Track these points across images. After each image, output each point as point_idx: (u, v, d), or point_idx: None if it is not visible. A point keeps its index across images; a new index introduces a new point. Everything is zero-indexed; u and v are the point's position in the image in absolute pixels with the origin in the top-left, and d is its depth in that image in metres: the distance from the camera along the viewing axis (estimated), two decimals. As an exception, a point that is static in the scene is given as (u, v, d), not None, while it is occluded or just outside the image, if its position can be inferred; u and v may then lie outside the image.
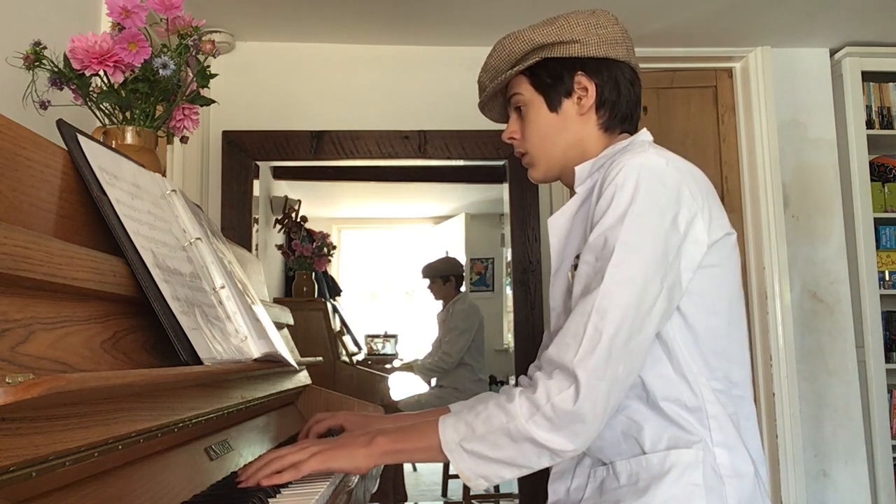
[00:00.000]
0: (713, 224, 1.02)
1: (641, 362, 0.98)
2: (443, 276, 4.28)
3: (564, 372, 0.94)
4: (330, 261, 4.24)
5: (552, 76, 1.15)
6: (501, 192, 3.45)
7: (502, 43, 1.18)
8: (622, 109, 1.16)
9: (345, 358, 3.89)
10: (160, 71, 1.22)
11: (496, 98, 1.25)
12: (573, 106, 1.16)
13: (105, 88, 1.24)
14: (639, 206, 0.97)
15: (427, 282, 4.35)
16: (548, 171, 1.20)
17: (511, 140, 1.23)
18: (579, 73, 1.14)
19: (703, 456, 0.98)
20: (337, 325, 4.05)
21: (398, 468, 3.96)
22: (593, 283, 0.97)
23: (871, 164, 3.16)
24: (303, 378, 1.66)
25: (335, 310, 4.26)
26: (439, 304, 4.36)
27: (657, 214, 0.97)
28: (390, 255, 7.10)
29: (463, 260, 6.41)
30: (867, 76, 3.12)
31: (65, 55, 1.21)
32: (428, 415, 1.37)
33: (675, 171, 1.01)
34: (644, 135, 1.17)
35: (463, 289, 4.50)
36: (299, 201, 4.81)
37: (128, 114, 1.27)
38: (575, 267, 1.06)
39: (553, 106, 1.16)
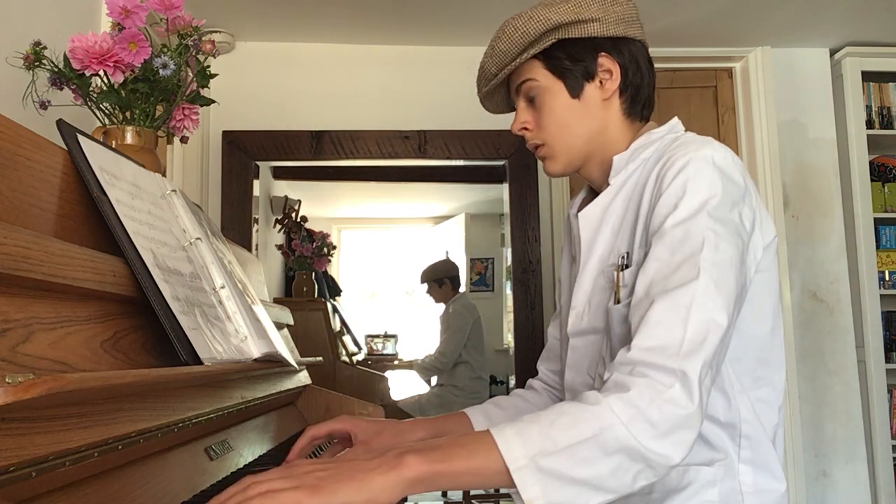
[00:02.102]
0: (764, 225, 0.98)
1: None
2: (437, 279, 4.29)
3: (660, 371, 0.79)
4: (330, 261, 4.25)
5: (572, 59, 1.06)
6: (501, 192, 3.46)
7: (512, 24, 1.06)
8: (645, 92, 1.09)
9: (345, 358, 3.90)
10: (160, 71, 1.22)
11: (499, 87, 1.14)
12: (596, 91, 1.07)
13: (105, 88, 1.24)
14: (717, 199, 0.89)
15: (425, 286, 4.36)
16: (569, 164, 1.11)
17: (523, 131, 1.12)
18: (602, 54, 1.06)
19: (724, 474, 0.94)
20: (337, 325, 4.05)
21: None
22: (680, 277, 0.85)
23: (871, 164, 3.16)
24: (303, 378, 1.66)
25: (335, 310, 4.26)
26: (442, 307, 4.38)
27: (729, 209, 0.91)
28: (390, 255, 7.10)
29: (463, 260, 6.42)
30: (867, 76, 3.12)
31: (65, 55, 1.21)
32: (445, 421, 1.18)
33: (739, 167, 0.95)
34: (679, 125, 1.10)
35: (463, 289, 4.50)
36: (299, 201, 4.81)
37: (128, 114, 1.27)
38: (622, 267, 0.98)
39: (574, 92, 1.07)
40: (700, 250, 0.86)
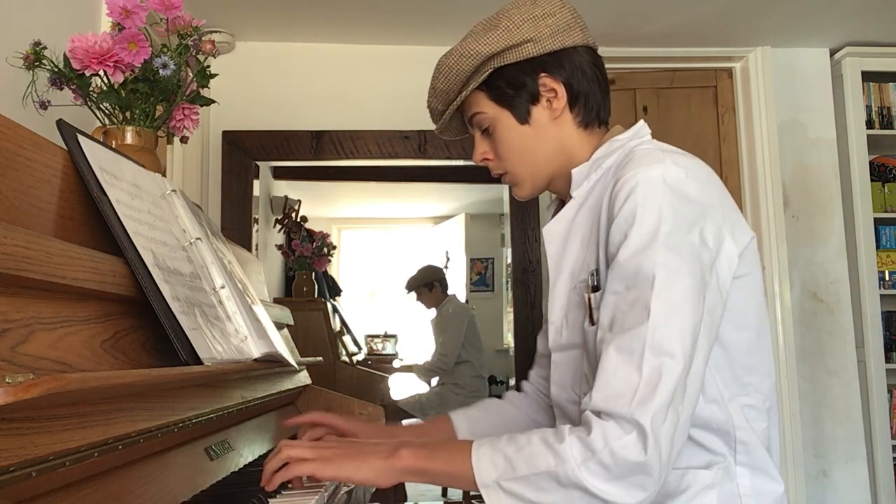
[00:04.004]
0: (736, 231, 0.94)
1: (698, 397, 0.89)
2: (427, 283, 4.29)
3: (619, 419, 0.82)
4: (330, 261, 4.25)
5: (513, 86, 1.04)
6: (501, 192, 3.46)
7: (445, 63, 1.07)
8: (597, 99, 1.06)
9: (345, 358, 3.90)
10: (160, 71, 1.22)
11: (452, 117, 1.14)
12: (544, 112, 1.05)
13: (105, 88, 1.24)
14: (668, 225, 0.87)
15: (414, 296, 4.36)
16: (535, 187, 1.11)
17: (485, 162, 1.12)
18: (542, 74, 1.03)
19: (722, 477, 0.94)
20: (337, 325, 4.05)
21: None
22: (634, 318, 0.86)
23: (871, 164, 3.15)
24: (303, 378, 1.66)
25: (335, 310, 4.26)
26: (433, 313, 4.38)
27: (686, 232, 0.88)
28: (390, 255, 7.10)
29: (463, 260, 6.42)
30: (867, 76, 3.12)
31: (65, 55, 1.21)
32: (430, 426, 1.29)
33: (696, 180, 0.92)
34: (643, 129, 1.06)
35: (461, 290, 4.49)
36: (299, 201, 4.81)
37: (128, 114, 1.27)
38: (593, 289, 0.97)
39: (522, 118, 1.05)
40: (651, 288, 0.85)
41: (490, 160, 1.12)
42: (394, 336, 6.17)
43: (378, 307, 6.96)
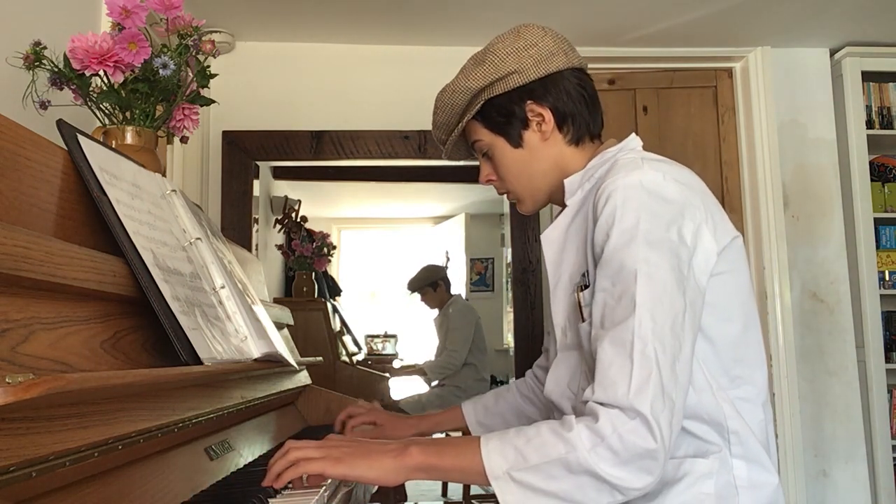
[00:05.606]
0: (718, 230, 1.00)
1: (689, 383, 0.93)
2: (431, 283, 4.28)
3: (620, 409, 0.86)
4: (330, 261, 4.25)
5: (503, 114, 1.14)
6: (501, 192, 3.45)
7: (441, 99, 1.18)
8: (585, 117, 1.14)
9: (345, 358, 3.89)
10: (160, 71, 1.22)
11: (458, 141, 1.24)
12: (534, 135, 1.14)
13: (105, 88, 1.24)
14: (646, 223, 0.94)
15: (417, 296, 4.35)
16: (536, 203, 1.20)
17: (489, 183, 1.22)
18: (528, 101, 1.12)
19: (719, 466, 0.96)
20: (337, 325, 4.05)
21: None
22: (621, 311, 0.91)
23: (871, 164, 3.15)
24: (303, 378, 1.66)
25: (335, 310, 4.26)
26: (436, 311, 4.37)
27: (665, 230, 0.94)
28: (390, 255, 7.10)
29: (463, 260, 6.42)
30: (867, 76, 3.12)
31: (65, 55, 1.21)
32: (446, 415, 1.46)
33: (674, 182, 0.98)
34: (633, 141, 1.13)
35: (461, 291, 4.49)
36: (299, 201, 4.81)
37: (128, 114, 1.27)
38: (582, 287, 1.03)
39: (514, 142, 1.15)
40: (634, 283, 0.91)
41: (494, 181, 1.22)
42: (394, 336, 6.17)
43: (378, 307, 6.96)
